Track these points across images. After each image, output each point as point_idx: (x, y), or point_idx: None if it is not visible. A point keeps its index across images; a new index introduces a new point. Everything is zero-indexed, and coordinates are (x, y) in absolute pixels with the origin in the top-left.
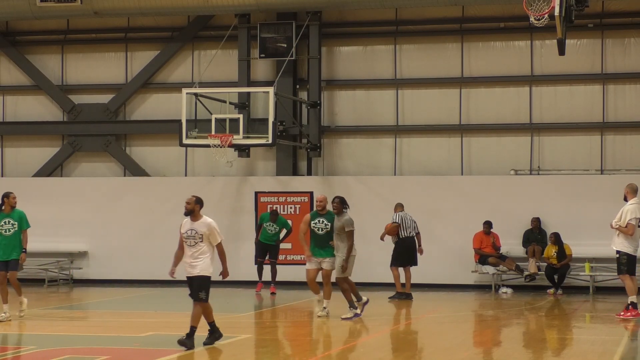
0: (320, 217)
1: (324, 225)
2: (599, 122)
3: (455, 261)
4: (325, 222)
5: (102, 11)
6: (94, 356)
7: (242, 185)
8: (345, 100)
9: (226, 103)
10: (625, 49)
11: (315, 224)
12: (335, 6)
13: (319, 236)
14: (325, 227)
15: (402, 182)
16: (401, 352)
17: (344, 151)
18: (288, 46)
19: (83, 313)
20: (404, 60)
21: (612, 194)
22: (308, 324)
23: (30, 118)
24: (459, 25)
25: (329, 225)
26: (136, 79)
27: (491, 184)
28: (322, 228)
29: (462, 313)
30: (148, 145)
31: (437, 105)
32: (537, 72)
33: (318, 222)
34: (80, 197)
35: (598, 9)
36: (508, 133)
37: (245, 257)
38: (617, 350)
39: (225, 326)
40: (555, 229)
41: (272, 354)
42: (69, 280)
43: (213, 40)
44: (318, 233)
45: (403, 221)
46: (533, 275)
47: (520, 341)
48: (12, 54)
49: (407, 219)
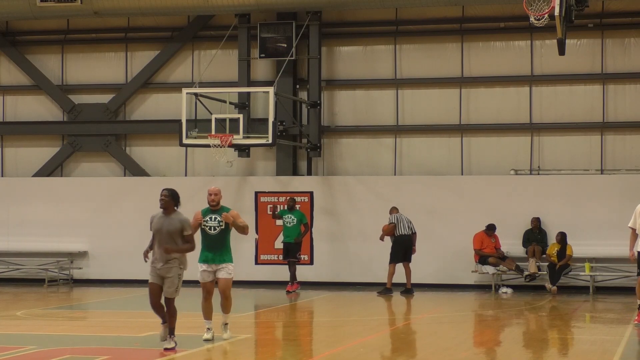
0: (214, 214)
1: (218, 223)
2: (599, 122)
3: (455, 261)
4: (219, 220)
5: (102, 11)
6: (94, 356)
7: (242, 185)
8: (345, 100)
9: (226, 103)
10: (625, 49)
11: (206, 221)
12: (335, 6)
13: (211, 237)
14: (220, 225)
15: (402, 182)
16: (401, 352)
17: (344, 151)
18: (288, 46)
19: (83, 313)
20: (404, 60)
21: (612, 194)
22: (308, 324)
23: (30, 118)
24: (459, 25)
25: (223, 223)
26: (136, 79)
27: (491, 184)
28: (215, 226)
29: (462, 313)
30: (148, 145)
31: (437, 105)
32: (537, 72)
33: (210, 220)
34: (80, 197)
35: (598, 9)
36: (508, 133)
37: (245, 257)
38: (617, 350)
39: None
40: (555, 229)
41: (272, 354)
42: (69, 280)
43: (213, 40)
44: (210, 233)
45: (399, 221)
46: (533, 275)
47: (520, 341)
48: (12, 54)
49: (403, 219)
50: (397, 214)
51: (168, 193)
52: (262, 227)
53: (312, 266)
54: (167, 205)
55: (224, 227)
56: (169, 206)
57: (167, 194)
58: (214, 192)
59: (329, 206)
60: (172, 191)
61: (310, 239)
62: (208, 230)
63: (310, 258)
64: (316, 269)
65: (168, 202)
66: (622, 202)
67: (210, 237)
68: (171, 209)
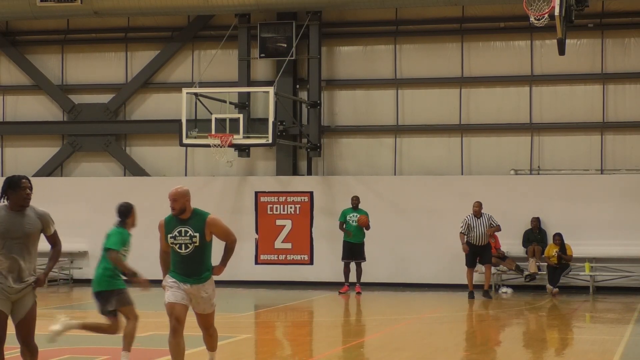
0: (183, 226)
1: (190, 238)
2: (599, 122)
3: (455, 261)
4: (192, 234)
5: (102, 11)
6: (94, 356)
7: (242, 185)
8: (345, 100)
9: (226, 103)
10: (625, 49)
11: (174, 237)
12: (335, 6)
13: (183, 257)
14: (193, 241)
15: (402, 182)
16: (401, 352)
17: (344, 151)
18: (288, 46)
19: (83, 313)
20: (404, 60)
21: (612, 194)
22: (308, 324)
23: (30, 118)
24: (459, 25)
25: (197, 238)
26: (136, 78)
27: (491, 184)
28: (186, 243)
29: (462, 313)
30: (148, 145)
31: (437, 105)
32: (537, 72)
33: (178, 235)
34: (80, 197)
35: (598, 9)
36: (508, 133)
37: (245, 257)
38: (617, 350)
39: (225, 326)
40: (555, 229)
41: (272, 354)
42: (69, 280)
43: (213, 40)
44: (180, 253)
45: (471, 229)
46: (533, 275)
47: (520, 341)
48: (12, 54)
49: (480, 224)
50: (470, 217)
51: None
52: (262, 227)
53: (312, 266)
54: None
55: (200, 243)
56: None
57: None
58: (172, 197)
59: (329, 206)
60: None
61: (310, 239)
62: (177, 248)
63: (310, 258)
64: (316, 269)
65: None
66: (622, 202)
67: (182, 257)
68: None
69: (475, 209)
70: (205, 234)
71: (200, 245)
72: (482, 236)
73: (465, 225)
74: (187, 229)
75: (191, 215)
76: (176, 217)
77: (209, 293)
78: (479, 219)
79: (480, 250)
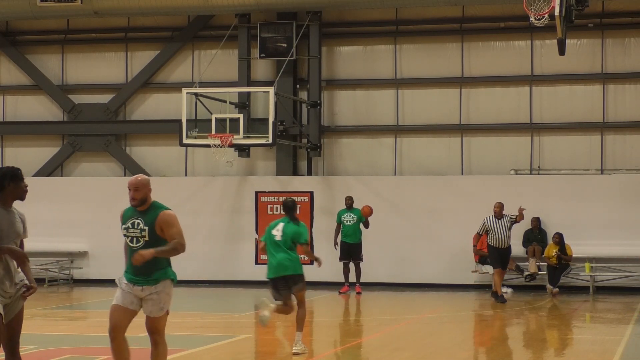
0: (137, 218)
1: (140, 232)
2: (599, 122)
3: (455, 261)
4: (142, 226)
5: (102, 11)
6: (94, 356)
7: (242, 185)
8: (345, 100)
9: (226, 103)
10: (625, 49)
11: (127, 228)
12: (335, 6)
13: (134, 252)
14: (142, 235)
15: (402, 182)
16: (401, 352)
17: (344, 151)
18: (288, 46)
19: (83, 313)
20: (404, 60)
21: (612, 194)
22: (308, 324)
23: (30, 118)
24: (459, 25)
25: (146, 232)
26: (136, 79)
27: (491, 184)
28: (137, 237)
29: (462, 313)
30: (148, 145)
31: (437, 105)
32: (537, 72)
33: (131, 227)
34: (80, 197)
35: (598, 9)
36: (508, 133)
37: (245, 257)
38: (617, 350)
39: (226, 326)
40: (555, 229)
41: (272, 354)
42: (69, 280)
43: (213, 40)
44: (132, 246)
45: (492, 231)
46: (533, 275)
47: (520, 341)
48: (12, 53)
49: (500, 226)
50: (490, 219)
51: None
52: (263, 227)
53: (312, 266)
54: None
55: (150, 237)
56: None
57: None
58: (133, 186)
59: (329, 206)
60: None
61: (310, 239)
62: (129, 242)
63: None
64: (316, 269)
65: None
66: (622, 202)
67: (133, 252)
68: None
69: (496, 209)
70: (155, 229)
71: (151, 240)
72: (503, 238)
73: (483, 226)
74: (140, 221)
75: (148, 207)
76: (134, 208)
77: (159, 296)
78: (500, 220)
79: (504, 253)
